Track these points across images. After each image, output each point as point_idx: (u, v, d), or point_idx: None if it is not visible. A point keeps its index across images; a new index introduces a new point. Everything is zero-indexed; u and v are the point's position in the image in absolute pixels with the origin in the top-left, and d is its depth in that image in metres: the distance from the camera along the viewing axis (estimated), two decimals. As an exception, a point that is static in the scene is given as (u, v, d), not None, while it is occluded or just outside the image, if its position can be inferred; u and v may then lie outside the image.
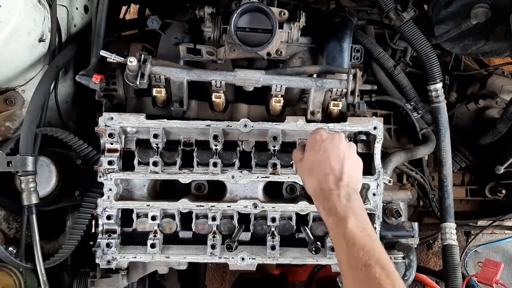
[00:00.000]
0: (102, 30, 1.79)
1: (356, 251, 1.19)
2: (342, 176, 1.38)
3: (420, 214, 2.60)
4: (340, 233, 1.26)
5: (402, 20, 1.90)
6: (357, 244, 1.21)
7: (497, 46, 2.01)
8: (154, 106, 1.87)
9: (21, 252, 1.75)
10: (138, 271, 1.90)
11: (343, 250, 1.24)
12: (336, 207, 1.31)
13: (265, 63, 1.95)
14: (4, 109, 1.78)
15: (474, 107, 2.48)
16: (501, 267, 2.29)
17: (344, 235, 1.24)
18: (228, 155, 1.80)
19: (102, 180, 1.75)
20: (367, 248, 1.19)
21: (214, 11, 1.80)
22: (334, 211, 1.31)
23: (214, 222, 1.77)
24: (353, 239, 1.23)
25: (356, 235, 1.23)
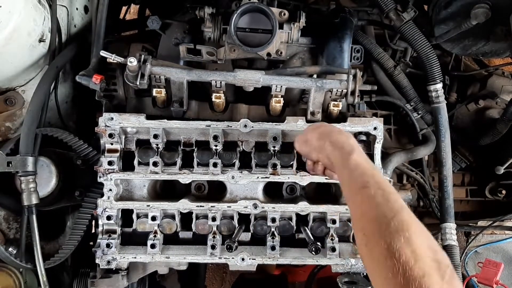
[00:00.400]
0: (102, 30, 1.79)
1: (357, 176, 1.25)
2: (350, 142, 1.42)
3: (420, 214, 2.60)
4: (345, 163, 1.32)
5: (402, 20, 1.90)
6: (359, 170, 1.26)
7: (497, 47, 2.01)
8: (154, 106, 1.87)
9: (21, 252, 1.75)
10: (138, 272, 1.90)
11: (346, 177, 1.30)
12: (343, 141, 1.40)
13: (265, 64, 1.95)
14: (4, 109, 1.78)
15: (474, 108, 2.48)
16: (501, 268, 2.29)
17: (349, 164, 1.30)
18: (228, 155, 1.80)
19: (102, 181, 1.74)
20: (368, 173, 1.24)
21: (214, 11, 1.80)
22: (341, 145, 1.39)
23: (214, 222, 1.77)
24: (356, 166, 1.28)
25: (359, 164, 1.29)
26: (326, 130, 1.51)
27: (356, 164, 1.29)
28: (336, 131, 1.49)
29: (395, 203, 1.12)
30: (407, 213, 1.10)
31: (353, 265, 1.80)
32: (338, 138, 1.43)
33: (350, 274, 1.81)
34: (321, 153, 1.48)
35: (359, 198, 1.20)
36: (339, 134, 1.46)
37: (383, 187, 1.17)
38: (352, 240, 1.86)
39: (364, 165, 1.29)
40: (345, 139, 1.42)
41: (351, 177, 1.28)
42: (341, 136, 1.44)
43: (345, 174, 1.32)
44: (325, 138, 1.47)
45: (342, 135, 1.45)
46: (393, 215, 1.07)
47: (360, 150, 1.38)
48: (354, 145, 1.39)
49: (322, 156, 1.49)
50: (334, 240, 1.80)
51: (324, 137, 1.47)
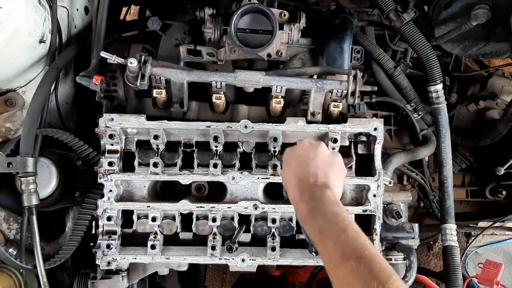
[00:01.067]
0: (103, 31, 1.79)
1: (328, 242, 1.17)
2: (308, 179, 1.35)
3: (421, 215, 2.60)
4: (313, 232, 1.25)
5: (403, 21, 1.90)
6: (327, 235, 1.19)
7: (497, 47, 2.01)
8: (155, 107, 1.87)
9: (22, 253, 1.75)
10: (138, 272, 1.90)
11: (322, 253, 1.21)
12: (305, 209, 1.29)
13: (265, 64, 1.95)
14: (5, 110, 1.78)
15: (474, 108, 2.48)
16: (501, 268, 2.29)
17: (315, 234, 1.23)
18: (229, 156, 1.80)
19: (103, 181, 1.74)
20: (336, 236, 1.16)
21: (214, 12, 1.80)
22: (304, 216, 1.29)
23: (214, 223, 1.77)
24: (320, 232, 1.21)
25: (323, 228, 1.21)
26: (300, 156, 1.41)
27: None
28: (311, 157, 1.39)
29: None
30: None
31: (353, 266, 1.80)
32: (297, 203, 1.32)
33: (351, 275, 1.81)
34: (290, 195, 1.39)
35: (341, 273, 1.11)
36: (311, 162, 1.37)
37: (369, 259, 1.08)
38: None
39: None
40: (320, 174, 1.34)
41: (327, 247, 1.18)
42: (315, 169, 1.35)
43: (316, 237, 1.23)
44: (296, 171, 1.38)
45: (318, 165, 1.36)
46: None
47: (335, 196, 1.30)
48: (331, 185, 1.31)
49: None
50: (335, 241, 1.80)
51: (296, 169, 1.39)
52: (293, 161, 1.41)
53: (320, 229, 1.21)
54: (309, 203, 1.28)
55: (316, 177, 1.34)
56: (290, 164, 1.41)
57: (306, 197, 1.30)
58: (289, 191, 1.39)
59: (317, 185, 1.32)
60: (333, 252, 1.15)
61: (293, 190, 1.36)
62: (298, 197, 1.33)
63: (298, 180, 1.35)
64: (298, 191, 1.34)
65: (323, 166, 1.38)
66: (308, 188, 1.32)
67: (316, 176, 1.34)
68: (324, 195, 1.28)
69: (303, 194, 1.32)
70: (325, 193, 1.29)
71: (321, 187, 1.31)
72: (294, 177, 1.37)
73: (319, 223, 1.23)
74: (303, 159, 1.40)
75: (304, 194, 1.31)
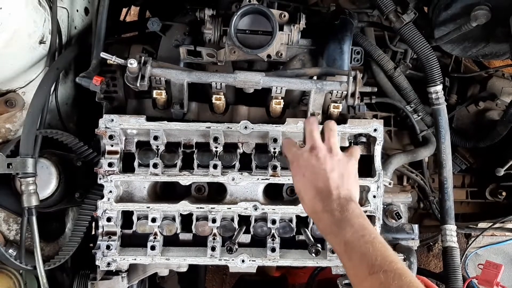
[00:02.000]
0: (103, 32, 1.79)
1: (357, 263, 1.16)
2: (330, 192, 1.32)
3: (421, 216, 2.60)
4: (341, 250, 1.22)
5: (402, 22, 1.90)
6: (358, 255, 1.16)
7: (497, 48, 2.02)
8: (154, 108, 1.87)
9: (21, 254, 1.74)
10: (138, 273, 1.90)
11: (347, 265, 1.20)
12: (331, 223, 1.27)
13: (265, 65, 1.96)
14: (5, 111, 1.78)
15: (474, 109, 2.48)
16: (501, 269, 2.29)
17: (345, 251, 1.20)
18: (228, 157, 1.80)
19: (102, 182, 1.74)
20: (369, 257, 1.14)
21: (214, 13, 1.80)
22: (329, 229, 1.27)
23: (214, 224, 1.77)
24: (352, 251, 1.18)
25: (355, 247, 1.18)
26: (310, 170, 1.35)
27: (352, 247, 1.18)
28: (323, 169, 1.34)
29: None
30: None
31: (353, 267, 1.80)
32: (322, 218, 1.29)
33: (350, 276, 1.81)
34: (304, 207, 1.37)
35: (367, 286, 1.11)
36: (328, 174, 1.33)
37: (389, 269, 1.09)
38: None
39: (361, 246, 1.16)
40: (327, 215, 1.28)
41: (352, 264, 1.18)
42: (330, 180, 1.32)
43: (345, 260, 1.21)
44: (310, 212, 1.34)
45: (320, 195, 1.32)
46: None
47: (350, 215, 1.25)
48: (340, 219, 1.25)
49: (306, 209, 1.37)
50: (334, 242, 1.80)
51: (308, 210, 1.35)
52: (309, 173, 1.35)
53: (346, 241, 1.20)
54: (333, 214, 1.26)
55: (338, 189, 1.31)
56: (305, 175, 1.36)
57: (329, 207, 1.27)
58: (305, 201, 1.35)
59: (341, 197, 1.29)
60: (360, 264, 1.14)
61: (311, 201, 1.32)
62: (320, 207, 1.30)
63: (317, 191, 1.32)
64: (319, 202, 1.30)
65: (343, 178, 1.34)
66: (332, 200, 1.29)
67: (338, 189, 1.31)
68: (349, 207, 1.27)
69: (326, 205, 1.29)
70: (350, 205, 1.27)
71: (344, 199, 1.29)
72: (312, 188, 1.33)
73: (345, 234, 1.21)
74: (320, 171, 1.35)
75: (327, 205, 1.28)
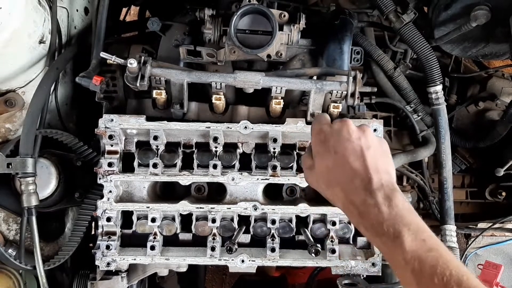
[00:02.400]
0: (103, 31, 1.79)
1: (427, 280, 0.92)
2: (369, 175, 1.07)
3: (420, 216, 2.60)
4: (399, 259, 0.97)
5: (402, 22, 1.90)
6: (426, 268, 0.92)
7: (497, 48, 2.02)
8: (154, 108, 1.87)
9: (21, 253, 1.74)
10: (138, 273, 1.89)
11: (411, 280, 0.95)
12: (380, 222, 1.01)
13: (265, 65, 1.96)
14: (4, 111, 1.78)
15: (474, 109, 2.48)
16: (501, 270, 2.29)
17: (406, 261, 0.96)
18: (228, 157, 1.80)
19: (102, 182, 1.74)
20: (439, 270, 0.91)
21: (214, 13, 1.80)
22: (380, 230, 1.01)
23: (214, 224, 1.77)
24: (419, 262, 0.94)
25: (420, 256, 0.94)
26: (340, 149, 1.10)
27: (419, 259, 0.94)
28: (350, 175, 1.07)
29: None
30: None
31: (353, 267, 1.80)
32: (368, 211, 1.03)
33: (350, 276, 1.81)
34: (349, 217, 1.12)
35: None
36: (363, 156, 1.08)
37: (464, 283, 0.88)
38: (352, 242, 1.86)
39: (428, 257, 0.93)
40: (375, 209, 1.02)
41: (420, 282, 0.93)
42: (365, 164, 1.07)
43: (408, 277, 0.96)
44: (345, 202, 1.08)
45: (358, 176, 1.06)
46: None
47: (402, 211, 1.02)
48: (394, 217, 1.00)
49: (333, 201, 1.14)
50: (334, 242, 1.80)
51: (342, 199, 1.09)
52: (341, 148, 1.10)
53: (407, 250, 0.96)
54: (380, 209, 1.02)
55: (379, 173, 1.07)
56: (336, 152, 1.11)
57: (373, 199, 1.04)
58: (337, 187, 1.10)
59: (384, 185, 1.06)
60: (430, 281, 0.91)
61: (347, 186, 1.08)
62: (359, 198, 1.05)
63: (354, 174, 1.07)
64: (357, 190, 1.06)
65: (380, 158, 1.11)
66: (374, 189, 1.05)
67: (378, 172, 1.07)
68: (396, 199, 1.04)
69: (368, 194, 1.04)
70: (397, 197, 1.04)
71: (388, 187, 1.06)
72: (346, 169, 1.08)
73: (404, 241, 0.97)
74: (355, 146, 1.10)
75: (370, 195, 1.04)
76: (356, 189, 1.07)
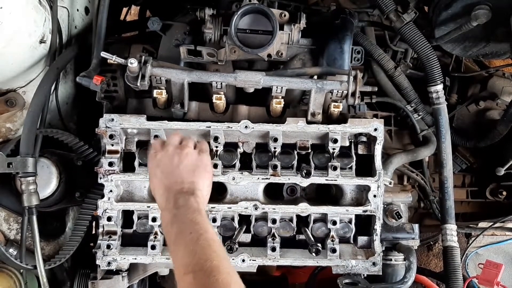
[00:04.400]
0: (103, 31, 1.79)
1: (178, 263, 1.14)
2: (172, 187, 1.35)
3: (421, 215, 2.60)
4: (170, 248, 1.23)
5: (403, 21, 1.90)
6: (178, 252, 1.16)
7: (497, 48, 2.02)
8: (155, 107, 1.87)
9: (22, 253, 1.75)
10: (139, 272, 1.90)
11: (173, 263, 1.19)
12: (165, 222, 1.29)
13: (265, 65, 1.95)
14: (5, 110, 1.78)
15: (474, 109, 2.48)
16: (501, 269, 2.29)
17: (173, 248, 1.21)
18: (229, 156, 1.80)
19: (103, 182, 1.74)
20: (186, 256, 1.13)
21: (214, 12, 1.80)
22: (165, 229, 1.29)
23: (214, 223, 1.77)
24: (176, 246, 1.18)
25: (178, 243, 1.18)
26: (163, 163, 1.39)
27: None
28: (174, 164, 1.37)
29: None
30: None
31: (353, 266, 1.80)
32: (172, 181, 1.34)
33: (351, 275, 1.81)
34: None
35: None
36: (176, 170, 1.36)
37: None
38: (353, 242, 1.86)
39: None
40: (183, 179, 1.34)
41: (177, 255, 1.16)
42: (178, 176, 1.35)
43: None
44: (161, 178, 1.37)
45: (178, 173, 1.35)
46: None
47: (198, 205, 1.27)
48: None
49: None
50: (335, 241, 1.80)
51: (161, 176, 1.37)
52: (159, 171, 1.38)
53: (175, 239, 1.20)
54: (171, 211, 1.26)
55: (182, 184, 1.33)
56: (156, 175, 1.39)
57: (170, 205, 1.28)
58: (157, 200, 1.38)
59: (182, 192, 1.30)
60: (179, 263, 1.13)
61: (160, 199, 1.35)
62: (163, 205, 1.32)
63: (165, 188, 1.34)
64: (164, 199, 1.32)
65: (188, 171, 1.37)
66: (173, 196, 1.30)
67: (182, 183, 1.33)
68: (187, 202, 1.27)
69: (168, 202, 1.30)
70: (189, 200, 1.27)
71: (186, 193, 1.30)
72: (161, 186, 1.36)
73: (175, 231, 1.20)
74: (168, 168, 1.38)
75: (169, 202, 1.30)
76: (164, 198, 1.33)
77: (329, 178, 1.78)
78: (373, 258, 1.80)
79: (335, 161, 1.78)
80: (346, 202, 1.86)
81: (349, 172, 1.82)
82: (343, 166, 1.81)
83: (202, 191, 1.35)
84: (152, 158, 1.43)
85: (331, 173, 1.78)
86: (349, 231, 1.84)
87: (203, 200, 1.33)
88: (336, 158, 1.80)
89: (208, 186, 1.42)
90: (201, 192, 1.35)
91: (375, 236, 1.80)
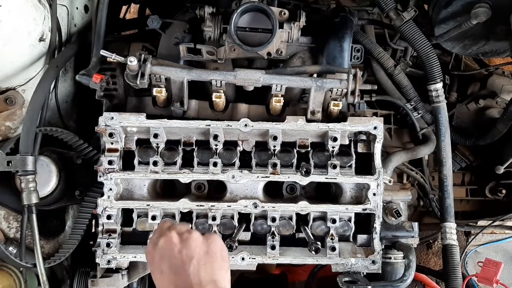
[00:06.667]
0: (103, 29, 1.79)
1: None
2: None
3: (420, 214, 2.60)
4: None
5: (403, 20, 1.90)
6: None
7: (497, 46, 2.01)
8: (154, 105, 1.87)
9: (21, 251, 1.75)
10: (138, 271, 1.90)
11: None
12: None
13: (265, 63, 1.96)
14: (4, 109, 1.78)
15: (474, 107, 2.48)
16: (501, 267, 2.29)
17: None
18: (228, 154, 1.80)
19: (102, 180, 1.74)
20: None
21: (214, 10, 1.80)
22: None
23: (214, 221, 1.77)
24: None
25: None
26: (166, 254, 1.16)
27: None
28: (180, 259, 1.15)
29: None
30: None
31: (353, 264, 1.80)
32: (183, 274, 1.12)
33: (350, 274, 1.81)
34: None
35: None
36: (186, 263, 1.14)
37: None
38: (352, 240, 1.86)
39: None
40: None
41: None
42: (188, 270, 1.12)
43: None
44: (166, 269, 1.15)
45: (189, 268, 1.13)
46: None
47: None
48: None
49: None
50: (334, 240, 1.80)
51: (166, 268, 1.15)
52: (166, 267, 1.16)
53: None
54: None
55: (201, 284, 1.12)
56: (162, 271, 1.16)
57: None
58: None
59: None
60: None
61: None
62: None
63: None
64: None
65: (204, 265, 1.15)
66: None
67: (201, 283, 1.12)
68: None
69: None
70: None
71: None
72: (170, 286, 1.14)
73: None
74: (177, 262, 1.15)
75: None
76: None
77: (328, 176, 1.78)
78: (372, 256, 1.80)
79: (335, 160, 1.78)
80: (346, 201, 1.86)
81: (349, 170, 1.82)
82: (343, 165, 1.81)
83: (224, 282, 1.16)
84: (155, 252, 1.20)
85: (331, 171, 1.78)
86: (349, 230, 1.84)
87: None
88: (336, 157, 1.80)
89: (227, 273, 1.20)
90: (224, 283, 1.15)
91: (374, 234, 1.80)
